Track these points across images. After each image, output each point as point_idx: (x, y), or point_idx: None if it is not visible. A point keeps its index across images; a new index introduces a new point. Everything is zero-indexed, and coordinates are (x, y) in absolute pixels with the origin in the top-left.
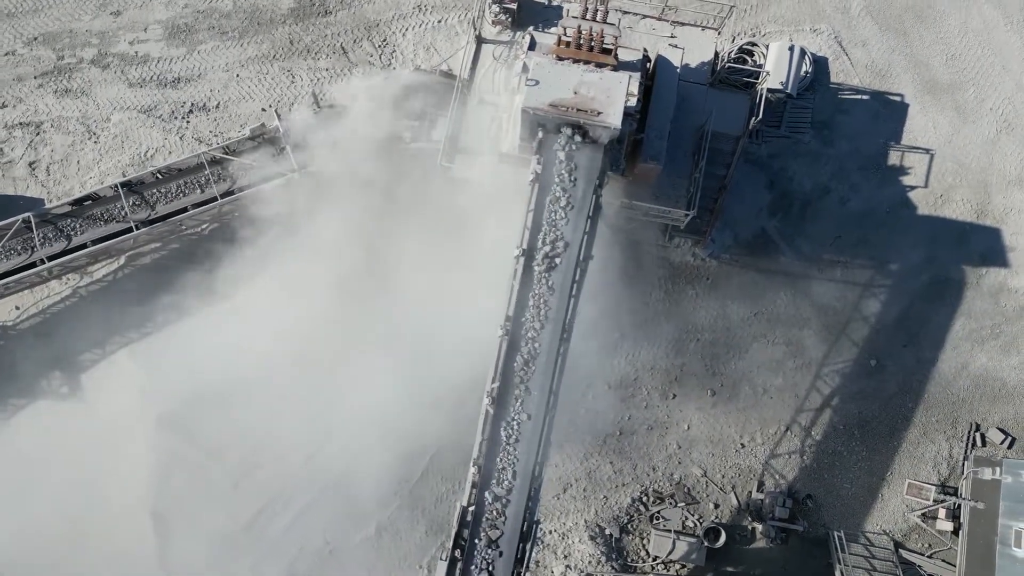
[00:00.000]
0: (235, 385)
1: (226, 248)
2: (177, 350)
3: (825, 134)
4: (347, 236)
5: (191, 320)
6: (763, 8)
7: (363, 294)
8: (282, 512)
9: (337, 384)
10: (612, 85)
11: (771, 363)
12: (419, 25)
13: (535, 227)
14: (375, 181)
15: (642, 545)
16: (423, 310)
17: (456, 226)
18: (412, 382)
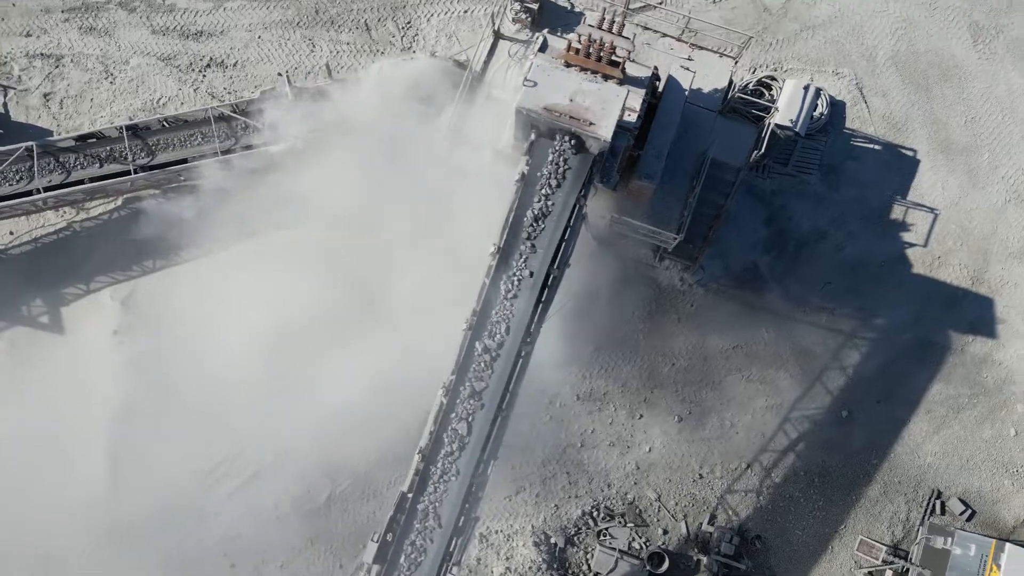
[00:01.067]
0: (209, 340)
1: (220, 206)
2: (158, 298)
3: (832, 178)
4: (337, 211)
5: (176, 271)
6: (788, 45)
7: (346, 270)
8: (235, 472)
9: (312, 355)
10: (609, 97)
11: (743, 399)
12: (445, 12)
13: (514, 227)
14: (375, 161)
15: (585, 559)
16: (405, 294)
17: (447, 216)
18: (387, 364)
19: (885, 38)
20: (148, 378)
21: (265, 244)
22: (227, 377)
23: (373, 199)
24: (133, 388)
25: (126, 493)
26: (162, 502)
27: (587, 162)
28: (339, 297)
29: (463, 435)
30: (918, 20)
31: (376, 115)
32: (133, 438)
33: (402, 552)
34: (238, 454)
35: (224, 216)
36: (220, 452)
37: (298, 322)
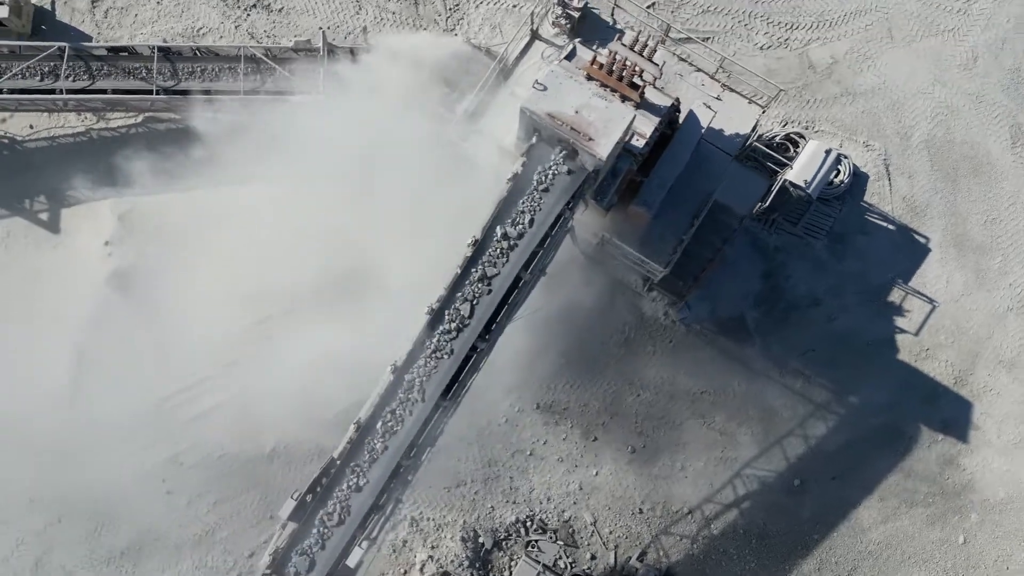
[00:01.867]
0: (191, 273)
1: (231, 145)
2: (154, 220)
3: (839, 247)
4: (339, 173)
5: (177, 198)
6: (825, 106)
7: (338, 235)
8: (191, 404)
9: (288, 311)
10: (614, 117)
11: (699, 445)
12: (494, 2)
13: (495, 223)
14: (386, 131)
15: (508, 565)
16: (389, 268)
17: (444, 199)
18: (358, 336)
19: (923, 120)
20: (127, 293)
21: (264, 193)
22: (201, 312)
23: (376, 169)
24: (111, 299)
25: (83, 398)
26: (116, 415)
27: (580, 176)
28: (325, 260)
29: (394, 425)
30: (961, 110)
31: (399, 87)
32: (101, 347)
33: (318, 516)
34: (198, 387)
35: (232, 156)
36: (181, 380)
37: (280, 277)
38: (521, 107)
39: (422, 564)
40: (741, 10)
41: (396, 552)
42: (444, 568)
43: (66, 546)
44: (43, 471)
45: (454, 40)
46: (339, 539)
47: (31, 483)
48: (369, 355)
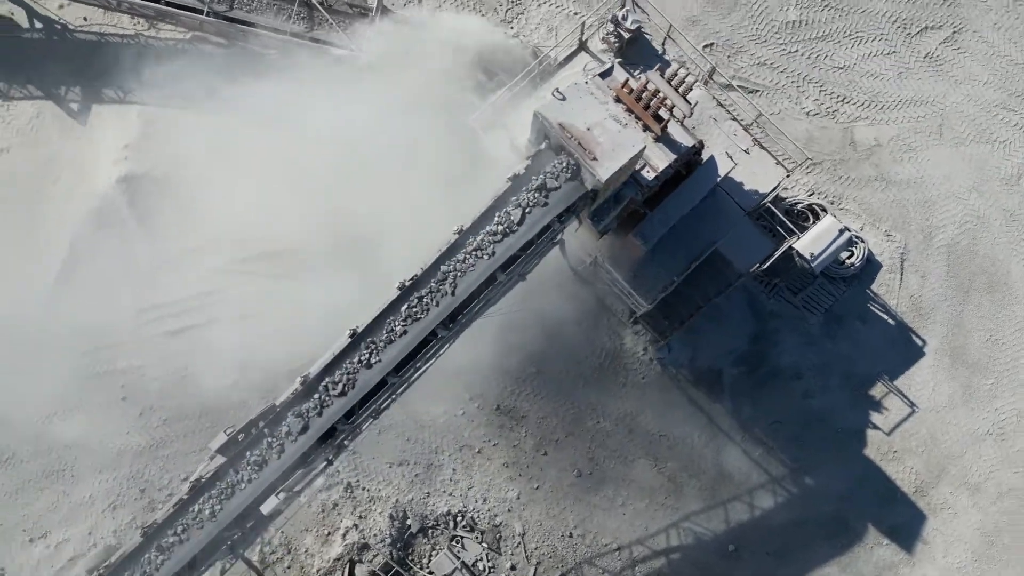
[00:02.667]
0: (198, 197)
1: (267, 83)
2: (177, 137)
3: (833, 328)
4: (356, 137)
5: (202, 121)
6: (857, 186)
7: (340, 195)
8: (168, 321)
9: (278, 255)
10: (624, 143)
11: (645, 485)
12: (556, 6)
13: (484, 218)
14: (413, 105)
15: (428, 554)
16: (381, 239)
17: (452, 183)
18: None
19: (951, 224)
20: (132, 199)
21: (282, 140)
22: (194, 236)
23: (392, 141)
24: (115, 201)
25: (66, 291)
26: (93, 316)
27: (577, 192)
28: (321, 218)
29: (338, 389)
30: (992, 223)
31: (439, 65)
32: (94, 245)
33: (245, 457)
34: (177, 307)
35: (263, 96)
36: (163, 297)
37: (274, 225)
38: (535, 111)
39: (346, 530)
40: (797, 71)
41: (325, 512)
42: (366, 540)
43: (16, 427)
44: (14, 351)
45: (504, 33)
46: (258, 485)
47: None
48: (337, 319)
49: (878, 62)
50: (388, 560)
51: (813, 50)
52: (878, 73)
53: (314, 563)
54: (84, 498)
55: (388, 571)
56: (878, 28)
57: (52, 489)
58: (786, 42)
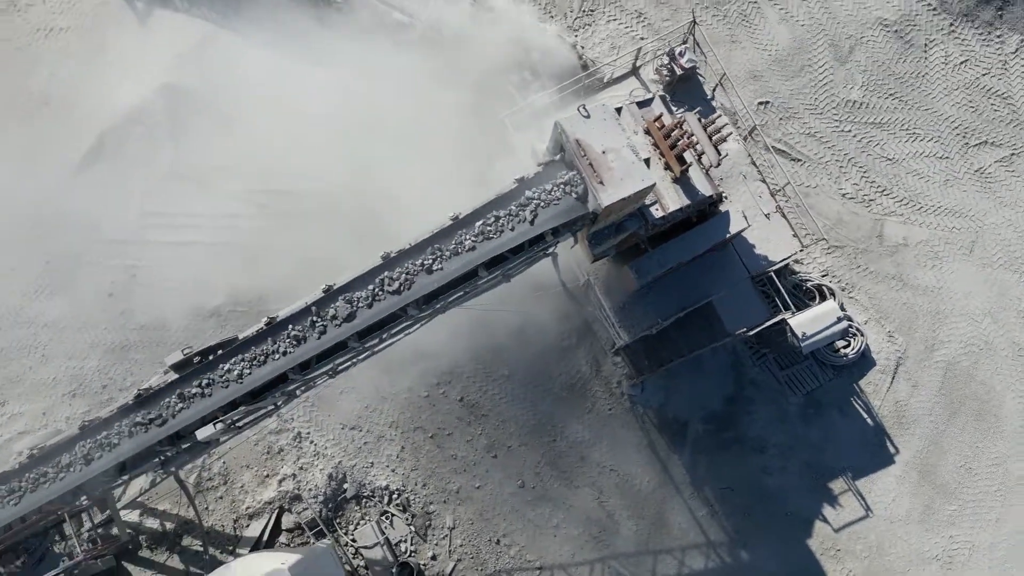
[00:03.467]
0: (234, 122)
1: (327, 30)
2: (232, 60)
3: (810, 412)
4: (390, 102)
5: (260, 48)
6: (873, 279)
7: (366, 158)
8: (169, 232)
9: (290, 196)
10: (634, 175)
11: (583, 514)
12: (625, 27)
13: (480, 212)
14: (454, 84)
15: (356, 521)
16: (400, 204)
17: (474, 168)
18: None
19: (957, 343)
20: (169, 106)
21: (327, 88)
22: (219, 157)
23: (427, 113)
24: (154, 105)
25: (85, 178)
26: (102, 208)
27: (576, 211)
28: (344, 176)
29: (299, 337)
30: (998, 353)
31: (490, 53)
32: (122, 140)
33: (197, 380)
34: (183, 219)
35: (322, 41)
36: (173, 207)
37: (297, 167)
38: (557, 121)
39: (284, 477)
40: (844, 152)
41: (269, 455)
42: (300, 492)
43: (17, 282)
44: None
45: (561, 38)
46: (200, 409)
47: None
48: (328, 271)
49: (928, 163)
50: (316, 517)
51: (866, 134)
52: (925, 174)
53: (246, 500)
54: (48, 379)
55: (313, 527)
56: (937, 130)
57: (20, 362)
58: (841, 120)
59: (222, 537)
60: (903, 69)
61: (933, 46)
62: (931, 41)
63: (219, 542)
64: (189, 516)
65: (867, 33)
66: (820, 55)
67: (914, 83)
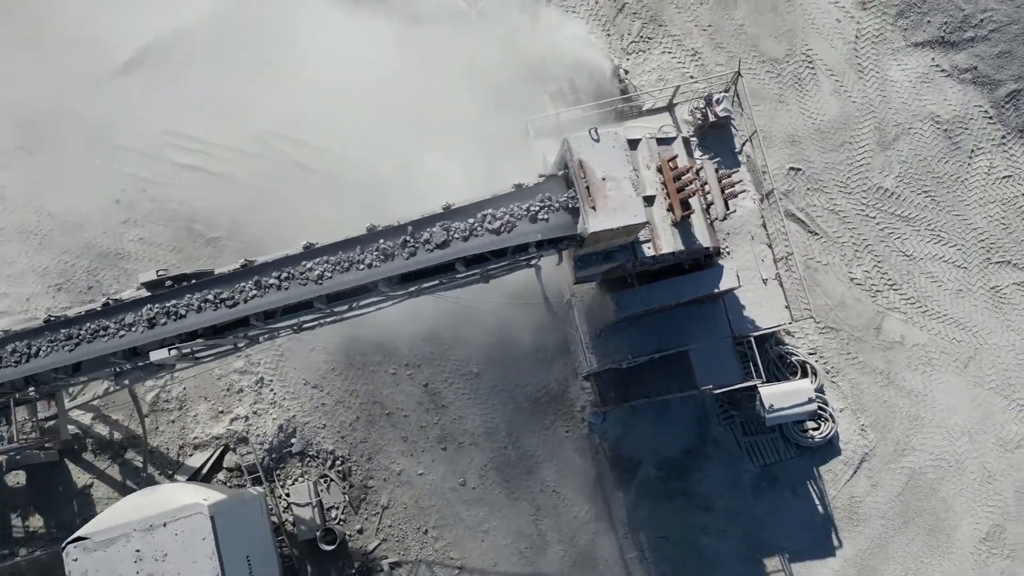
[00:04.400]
0: (273, 60)
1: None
2: (290, 5)
3: (763, 485)
4: (422, 81)
5: (320, 6)
6: (858, 370)
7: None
8: (185, 152)
9: (317, 158)
10: (629, 208)
11: (517, 527)
12: (677, 62)
13: (471, 208)
14: (489, 78)
15: (294, 477)
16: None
17: (489, 160)
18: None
19: (928, 453)
20: (219, 30)
21: (371, 53)
22: (251, 92)
23: (452, 99)
24: (203, 24)
25: (120, 84)
26: (128, 117)
27: (564, 230)
28: (365, 142)
29: (272, 287)
30: (966, 473)
31: (532, 57)
32: (164, 56)
33: (166, 302)
34: (204, 144)
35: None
36: (198, 131)
37: (329, 127)
38: (566, 138)
39: (236, 417)
40: (864, 237)
41: (229, 392)
42: (248, 435)
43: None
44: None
45: (607, 57)
46: (160, 331)
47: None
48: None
49: (945, 269)
50: (257, 463)
51: (890, 225)
52: (939, 279)
53: (195, 430)
54: (39, 267)
55: (252, 472)
56: (963, 238)
57: (18, 245)
58: (869, 204)
59: (164, 460)
60: (943, 169)
61: (979, 154)
62: (979, 148)
63: (160, 464)
64: (138, 432)
65: (916, 125)
66: (863, 136)
67: (951, 186)
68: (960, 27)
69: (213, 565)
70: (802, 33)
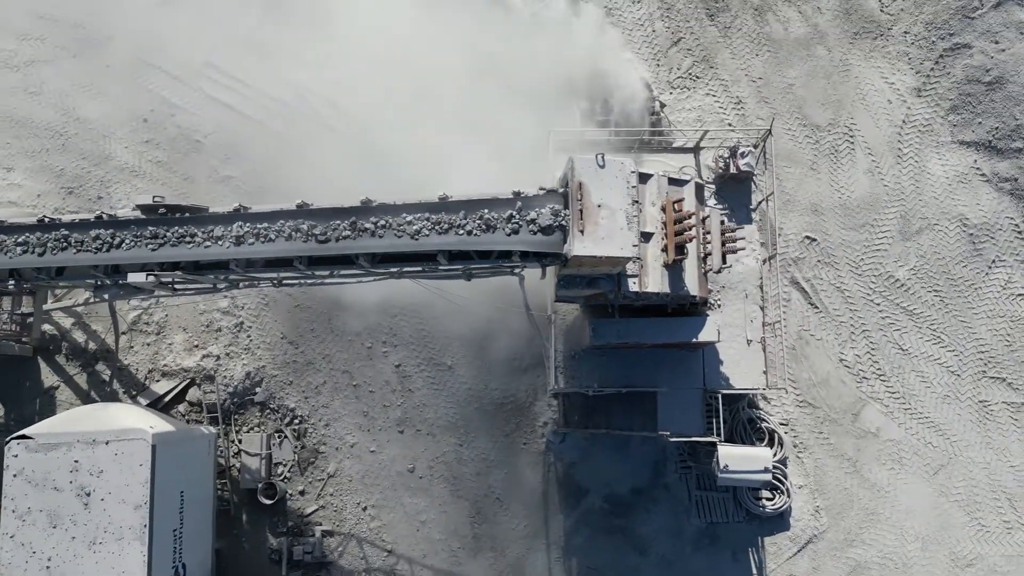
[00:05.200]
0: (332, 25)
1: None
2: None
3: (704, 541)
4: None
5: None
6: (828, 451)
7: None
8: (215, 87)
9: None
10: (617, 240)
11: (453, 526)
12: (720, 106)
13: (466, 204)
14: (525, 82)
15: (252, 426)
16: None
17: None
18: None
19: (876, 549)
20: None
21: (416, 32)
22: (296, 46)
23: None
24: None
25: (166, 13)
26: (170, 46)
27: (548, 247)
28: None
29: (257, 236)
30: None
31: (575, 70)
32: None
33: (156, 228)
34: (238, 85)
35: None
36: (235, 70)
37: (359, 91)
38: (571, 156)
39: (209, 355)
40: (863, 321)
41: (208, 329)
42: (215, 375)
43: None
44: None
45: (647, 87)
46: (141, 255)
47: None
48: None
49: (937, 371)
50: (218, 403)
51: (892, 316)
52: (929, 380)
53: (167, 358)
54: (57, 167)
55: (211, 411)
56: (963, 345)
57: (43, 141)
58: (876, 290)
59: (132, 379)
60: (959, 273)
61: (999, 266)
62: (1000, 260)
63: (127, 382)
64: (112, 346)
65: (943, 223)
66: (887, 221)
67: (963, 291)
68: (1010, 135)
69: (143, 492)
70: (850, 106)
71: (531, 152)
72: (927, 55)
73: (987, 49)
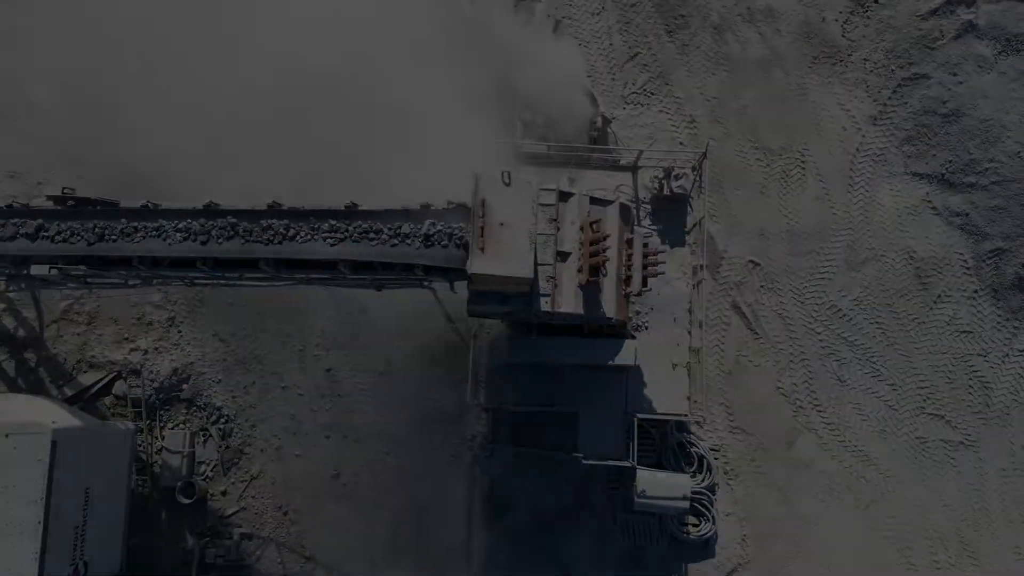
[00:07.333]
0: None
1: None
2: None
3: (627, 565)
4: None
5: None
6: (758, 482)
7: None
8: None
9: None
10: (516, 260)
11: (372, 533)
12: (672, 124)
13: (375, 214)
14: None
15: (175, 419)
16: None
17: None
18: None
19: None
20: None
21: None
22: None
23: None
24: None
25: None
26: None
27: (449, 261)
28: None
29: (166, 237)
30: None
31: (521, 78)
32: None
33: (62, 221)
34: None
35: None
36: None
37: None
38: (475, 172)
39: (137, 348)
40: (803, 350)
41: (140, 322)
42: (141, 369)
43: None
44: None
45: (593, 100)
46: (45, 248)
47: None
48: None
49: (875, 405)
50: (142, 398)
51: (832, 346)
52: (866, 414)
53: (95, 349)
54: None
55: (136, 406)
56: (902, 380)
57: None
58: (817, 319)
59: (59, 370)
60: (903, 307)
61: (946, 301)
62: (946, 296)
63: (54, 373)
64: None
65: (890, 254)
66: (834, 251)
67: (907, 325)
68: (963, 169)
69: (40, 487)
70: (804, 131)
71: (469, 163)
72: (885, 83)
73: (945, 81)
